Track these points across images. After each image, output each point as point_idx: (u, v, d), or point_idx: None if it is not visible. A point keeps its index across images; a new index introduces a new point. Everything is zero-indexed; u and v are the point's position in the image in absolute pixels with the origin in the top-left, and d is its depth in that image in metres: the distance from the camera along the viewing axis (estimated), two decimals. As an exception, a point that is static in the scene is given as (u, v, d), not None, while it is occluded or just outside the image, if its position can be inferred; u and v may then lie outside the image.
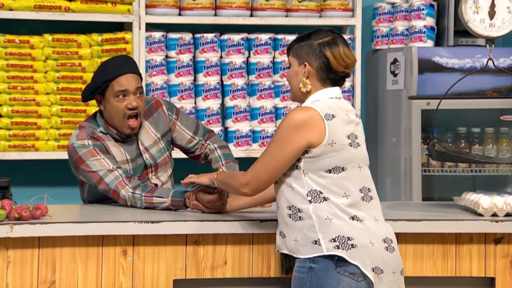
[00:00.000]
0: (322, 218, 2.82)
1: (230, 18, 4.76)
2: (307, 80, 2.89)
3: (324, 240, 2.80)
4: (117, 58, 3.57)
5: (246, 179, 2.90)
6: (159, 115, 3.60)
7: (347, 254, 2.79)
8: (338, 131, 2.85)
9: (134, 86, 3.47)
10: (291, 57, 2.94)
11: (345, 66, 2.90)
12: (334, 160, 2.84)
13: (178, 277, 3.08)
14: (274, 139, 2.86)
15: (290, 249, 2.89)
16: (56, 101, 4.61)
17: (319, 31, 2.92)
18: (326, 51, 2.87)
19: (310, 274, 2.81)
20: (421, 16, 4.81)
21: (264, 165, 2.87)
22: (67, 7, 4.60)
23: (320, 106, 2.85)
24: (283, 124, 2.85)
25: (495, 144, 4.85)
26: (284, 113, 4.83)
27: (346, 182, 2.85)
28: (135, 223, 3.04)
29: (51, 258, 3.02)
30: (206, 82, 4.78)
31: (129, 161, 3.53)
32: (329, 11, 4.87)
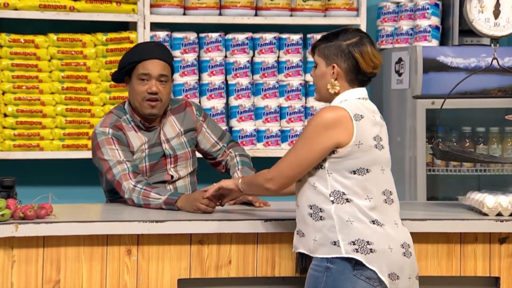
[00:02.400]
0: (343, 220, 2.81)
1: (234, 17, 4.76)
2: (335, 82, 2.88)
3: (344, 242, 2.80)
4: (149, 42, 3.73)
5: (270, 175, 2.89)
6: (186, 113, 3.65)
7: (365, 259, 2.78)
8: (365, 132, 2.84)
9: (157, 72, 3.51)
10: (317, 57, 2.91)
11: (373, 67, 2.90)
12: (360, 161, 2.83)
13: (182, 277, 3.08)
14: (302, 136, 2.85)
15: (308, 248, 2.88)
16: (61, 100, 4.61)
17: (346, 30, 2.91)
18: (355, 52, 2.86)
19: (326, 274, 2.81)
20: (426, 16, 4.81)
21: (290, 161, 2.86)
22: (72, 7, 4.60)
23: (349, 106, 2.84)
24: (313, 122, 2.84)
25: (500, 144, 4.85)
26: (288, 112, 4.83)
27: (369, 184, 2.84)
28: (140, 222, 3.04)
29: (55, 257, 3.02)
30: (211, 81, 4.78)
31: (146, 147, 3.56)
32: (334, 10, 4.86)
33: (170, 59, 3.60)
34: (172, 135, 3.61)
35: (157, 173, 3.58)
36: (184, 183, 3.61)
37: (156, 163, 3.57)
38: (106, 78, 4.64)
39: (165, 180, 3.58)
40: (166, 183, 3.58)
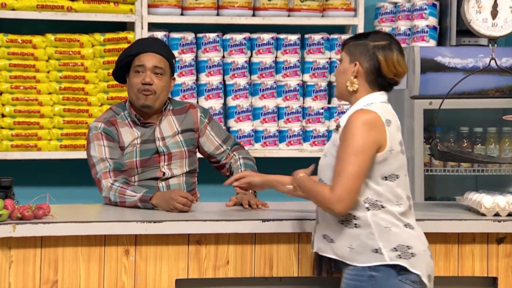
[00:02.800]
0: (382, 226, 2.80)
1: (232, 17, 4.76)
2: (355, 80, 2.86)
3: (386, 249, 2.78)
4: (147, 38, 3.77)
5: (336, 195, 2.75)
6: (187, 114, 3.66)
7: (409, 264, 2.78)
8: (394, 137, 2.83)
9: (152, 64, 3.55)
10: (344, 53, 2.90)
11: (395, 74, 2.87)
12: (391, 167, 2.82)
13: (180, 277, 3.08)
14: (349, 146, 2.76)
15: (341, 256, 2.85)
16: (59, 100, 4.61)
17: (378, 33, 2.91)
18: (379, 55, 2.84)
19: (371, 283, 2.78)
20: (424, 16, 4.81)
21: (350, 174, 2.75)
22: (70, 7, 4.60)
23: (379, 111, 2.82)
24: (353, 129, 2.76)
25: (497, 144, 4.85)
26: (286, 113, 4.83)
27: (399, 190, 2.83)
28: (137, 222, 3.04)
29: (53, 257, 3.02)
30: (209, 81, 4.78)
31: (138, 142, 3.57)
32: (331, 10, 4.86)
33: (168, 54, 3.62)
34: (168, 134, 3.62)
35: (149, 169, 3.59)
36: (178, 182, 3.61)
37: (148, 159, 3.58)
38: (104, 78, 4.64)
39: (157, 176, 3.59)
40: (159, 180, 3.59)
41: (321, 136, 4.86)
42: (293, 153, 4.82)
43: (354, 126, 2.78)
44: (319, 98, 4.87)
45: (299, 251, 3.12)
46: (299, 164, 5.00)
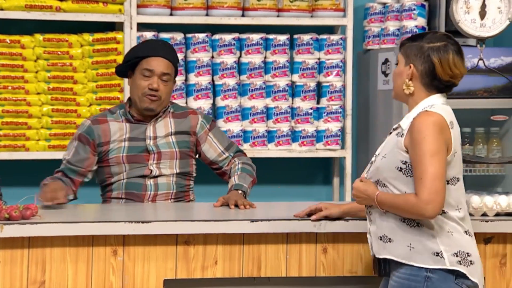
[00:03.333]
0: (444, 231, 2.76)
1: (221, 18, 4.76)
2: (410, 82, 2.81)
3: (447, 254, 2.75)
4: (157, 40, 3.81)
5: (424, 200, 2.69)
6: (187, 119, 3.67)
7: (468, 271, 2.76)
8: (457, 140, 2.81)
9: (161, 70, 3.57)
10: (400, 54, 2.86)
11: (451, 76, 2.81)
12: (454, 171, 2.79)
13: (168, 277, 3.08)
14: (423, 149, 2.70)
15: (397, 255, 2.80)
16: (47, 101, 4.60)
17: (435, 33, 2.84)
18: (434, 57, 2.78)
19: (426, 284, 2.75)
20: (412, 16, 4.82)
21: (433, 176, 2.68)
22: (58, 7, 4.59)
23: (443, 112, 2.77)
24: (423, 132, 2.71)
25: (485, 144, 4.86)
26: (275, 113, 4.83)
27: (459, 194, 2.81)
28: (126, 223, 3.03)
29: (41, 258, 3.01)
30: (198, 82, 4.78)
31: (126, 139, 3.60)
32: (320, 11, 4.87)
33: (175, 59, 3.65)
34: (161, 134, 3.63)
35: (137, 166, 3.60)
36: (166, 181, 3.61)
37: (135, 156, 3.59)
38: (93, 78, 4.63)
39: (144, 174, 3.60)
40: (146, 178, 3.60)
41: (310, 136, 4.86)
42: (282, 154, 4.83)
43: (424, 128, 2.73)
44: (308, 99, 4.87)
45: (287, 251, 3.12)
46: (288, 164, 5.03)
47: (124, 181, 3.60)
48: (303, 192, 5.07)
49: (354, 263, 3.14)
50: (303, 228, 3.10)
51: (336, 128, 4.87)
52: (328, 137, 4.86)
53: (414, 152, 2.74)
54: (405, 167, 2.78)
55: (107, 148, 3.61)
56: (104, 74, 4.64)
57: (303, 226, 3.10)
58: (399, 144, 2.81)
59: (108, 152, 3.61)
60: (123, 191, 3.60)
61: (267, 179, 4.94)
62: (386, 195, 2.81)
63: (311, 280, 3.16)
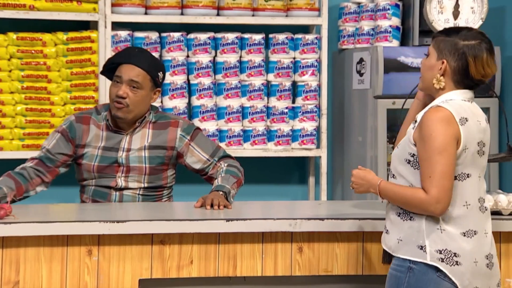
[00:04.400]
0: (434, 227, 2.76)
1: (196, 17, 4.75)
2: (441, 77, 2.80)
3: (431, 248, 2.75)
4: (134, 48, 3.79)
5: (434, 197, 2.70)
6: (166, 132, 3.63)
7: (450, 270, 2.74)
8: (470, 136, 2.77)
9: (128, 77, 3.55)
10: (431, 47, 2.82)
11: (483, 75, 2.80)
12: (463, 166, 2.77)
13: (143, 277, 3.07)
14: (431, 146, 2.70)
15: (389, 247, 2.83)
16: (21, 100, 4.57)
17: (470, 30, 2.81)
18: (469, 56, 2.76)
19: (408, 274, 2.76)
20: (387, 16, 4.84)
21: (442, 175, 2.69)
22: (32, 6, 4.56)
23: (454, 108, 2.76)
24: (430, 128, 2.71)
25: (459, 143, 4.90)
26: (251, 112, 4.83)
27: (467, 190, 2.78)
28: (100, 222, 3.02)
29: (15, 258, 2.99)
30: (173, 81, 4.77)
31: (100, 148, 3.59)
32: (295, 10, 4.88)
33: (150, 68, 3.59)
34: (136, 146, 3.60)
35: (105, 177, 3.59)
36: (132, 194, 3.60)
37: (105, 167, 3.58)
38: (67, 77, 4.61)
39: (110, 186, 3.59)
40: (112, 189, 3.59)
41: (286, 135, 4.87)
42: (258, 153, 4.83)
43: (430, 124, 2.73)
44: (284, 98, 4.88)
45: (263, 251, 3.13)
46: (263, 163, 5.03)
47: (92, 188, 3.61)
48: (278, 191, 5.08)
49: (330, 262, 3.15)
50: (278, 228, 3.10)
51: (312, 128, 4.88)
52: (304, 136, 4.87)
53: (422, 148, 2.75)
54: (412, 160, 2.79)
55: (82, 151, 3.59)
56: (78, 73, 4.61)
57: (279, 225, 3.10)
58: (410, 136, 2.82)
59: (83, 156, 3.59)
60: (90, 197, 3.63)
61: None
62: (390, 184, 2.83)
63: (287, 279, 3.16)
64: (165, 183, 3.65)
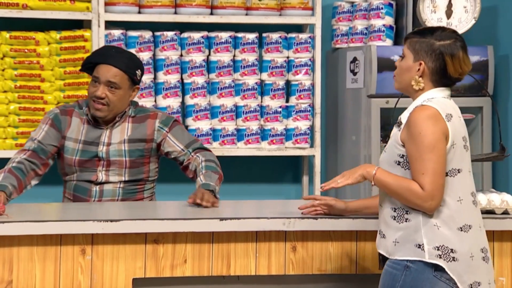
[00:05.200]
0: (430, 224, 2.76)
1: (190, 16, 4.75)
2: (420, 79, 2.83)
3: (428, 246, 2.75)
4: (112, 47, 3.75)
5: (429, 193, 2.72)
6: (145, 125, 3.65)
7: (447, 266, 2.75)
8: (457, 131, 2.80)
9: (106, 78, 3.57)
10: (406, 49, 2.85)
11: (461, 73, 2.84)
12: (453, 162, 2.78)
13: (137, 276, 3.07)
14: (421, 144, 2.72)
15: (386, 250, 2.83)
16: (14, 99, 4.56)
17: (443, 30, 2.84)
18: (446, 55, 2.80)
19: (405, 272, 2.76)
20: (380, 15, 4.85)
21: (435, 172, 2.71)
22: (25, 4, 4.55)
23: (439, 106, 2.78)
24: (419, 126, 2.73)
25: (453, 142, 4.90)
26: (244, 111, 4.83)
27: (460, 185, 2.79)
28: (94, 221, 3.02)
29: (8, 257, 2.98)
30: (166, 80, 4.76)
31: (80, 142, 3.61)
32: (289, 9, 4.88)
33: (127, 68, 3.61)
34: (116, 140, 3.63)
35: (86, 171, 3.62)
36: (112, 188, 3.62)
37: (86, 161, 3.60)
38: (60, 76, 4.60)
39: (91, 180, 3.61)
40: (93, 184, 3.61)
41: (279, 134, 4.87)
42: (251, 152, 4.83)
43: (419, 123, 2.75)
44: (277, 97, 4.88)
45: (256, 250, 3.13)
46: (257, 162, 5.03)
47: (74, 183, 3.64)
48: (272, 190, 5.08)
49: (323, 261, 3.16)
50: (272, 227, 3.10)
51: (305, 127, 4.88)
52: (297, 135, 4.88)
53: (412, 147, 2.76)
54: (402, 161, 2.81)
55: (63, 143, 3.61)
56: (72, 72, 4.61)
57: (273, 224, 3.10)
58: (397, 138, 2.83)
59: (64, 149, 3.61)
60: (72, 192, 3.65)
61: (237, 177, 4.94)
62: (387, 173, 2.82)
63: (281, 278, 3.17)
64: (146, 177, 3.67)
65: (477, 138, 4.88)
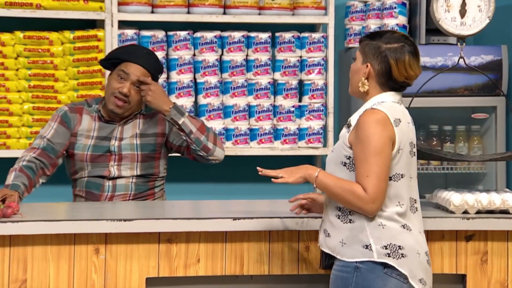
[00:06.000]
0: (376, 223, 2.79)
1: (203, 15, 4.76)
2: (365, 81, 2.85)
3: (376, 246, 2.77)
4: (142, 48, 3.76)
5: (371, 197, 2.74)
6: (155, 119, 3.67)
7: (397, 263, 2.77)
8: (404, 137, 2.82)
9: (136, 77, 3.59)
10: (358, 52, 2.89)
11: (406, 77, 2.85)
12: (397, 167, 2.81)
13: (151, 275, 3.07)
14: (368, 147, 2.75)
15: (333, 249, 2.84)
16: (28, 98, 4.58)
17: (393, 34, 2.86)
18: (391, 59, 2.82)
19: (356, 274, 2.78)
20: (393, 15, 4.84)
21: (379, 176, 2.73)
22: (39, 4, 4.56)
23: (388, 109, 2.80)
24: (367, 129, 2.76)
25: (466, 142, 4.89)
26: (257, 111, 4.83)
27: (401, 190, 2.82)
28: (108, 221, 3.02)
29: (22, 256, 3.00)
30: (179, 80, 4.77)
31: (93, 138, 3.62)
32: (302, 9, 4.87)
33: (155, 71, 3.65)
34: (128, 135, 3.64)
35: (98, 166, 3.62)
36: (125, 183, 3.62)
37: (98, 156, 3.61)
38: (74, 76, 4.62)
39: (104, 175, 3.61)
40: (105, 179, 3.62)
41: (292, 134, 4.87)
42: (264, 151, 4.83)
43: (367, 126, 2.77)
44: (290, 97, 4.88)
45: (269, 249, 3.13)
46: (270, 162, 5.02)
47: (85, 179, 3.63)
48: (285, 190, 5.07)
49: (336, 261, 3.15)
50: (285, 226, 3.10)
51: (318, 126, 4.88)
52: (310, 135, 4.87)
53: (359, 149, 2.78)
54: (348, 162, 2.83)
55: (74, 140, 3.63)
56: (85, 72, 4.62)
57: (286, 224, 3.10)
58: (345, 139, 2.86)
59: (75, 146, 3.61)
60: (84, 189, 3.65)
61: (249, 177, 4.93)
62: (330, 175, 2.85)
63: (294, 278, 3.16)
64: (157, 172, 3.68)
65: (491, 138, 4.86)
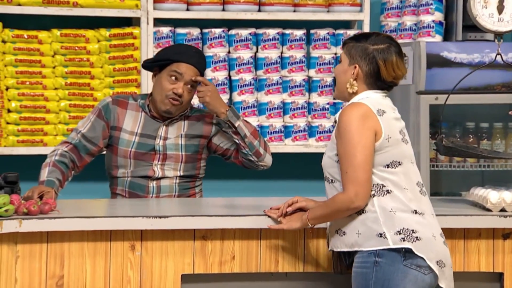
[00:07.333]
0: (386, 211, 2.82)
1: (238, 13, 4.76)
2: (354, 82, 2.91)
3: (390, 233, 2.80)
4: (191, 47, 3.76)
5: (350, 193, 2.80)
6: (201, 122, 3.69)
7: (414, 246, 2.79)
8: (391, 126, 2.87)
9: (189, 77, 3.60)
10: (343, 53, 2.95)
11: (394, 77, 2.92)
12: (391, 155, 2.85)
13: (186, 272, 3.09)
14: (347, 141, 2.80)
15: (351, 245, 2.87)
16: (65, 96, 4.62)
17: (378, 35, 2.93)
18: (379, 59, 2.88)
19: (375, 269, 2.81)
20: (430, 11, 4.80)
21: (357, 167, 2.78)
22: (75, 2, 4.60)
23: (370, 102, 2.86)
24: (346, 124, 2.80)
25: (503, 139, 4.84)
26: (292, 108, 4.83)
27: (404, 176, 2.86)
28: (143, 218, 3.04)
29: (59, 252, 3.03)
30: (214, 77, 4.78)
31: (137, 134, 3.62)
32: (337, 6, 4.86)
33: (203, 69, 3.68)
34: (173, 135, 3.64)
35: (142, 166, 3.62)
36: (169, 183, 3.63)
37: (142, 154, 3.61)
38: (110, 73, 4.65)
39: (148, 175, 3.62)
40: (149, 179, 3.62)
41: (327, 131, 4.85)
42: (299, 149, 4.82)
43: (346, 120, 2.82)
44: (325, 94, 4.86)
45: (304, 247, 3.13)
46: (304, 159, 5.03)
47: (128, 180, 3.63)
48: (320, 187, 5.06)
49: (372, 259, 3.13)
50: (321, 224, 3.09)
51: (353, 123, 4.86)
52: (345, 132, 4.85)
53: (339, 145, 2.84)
54: (338, 159, 2.87)
55: (118, 134, 3.63)
56: (121, 69, 4.65)
57: (321, 221, 3.09)
58: (332, 136, 2.91)
59: (118, 140, 3.62)
60: (127, 189, 3.64)
61: (284, 174, 4.94)
62: (314, 209, 2.92)
63: (329, 276, 3.16)
64: (198, 173, 3.69)
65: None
